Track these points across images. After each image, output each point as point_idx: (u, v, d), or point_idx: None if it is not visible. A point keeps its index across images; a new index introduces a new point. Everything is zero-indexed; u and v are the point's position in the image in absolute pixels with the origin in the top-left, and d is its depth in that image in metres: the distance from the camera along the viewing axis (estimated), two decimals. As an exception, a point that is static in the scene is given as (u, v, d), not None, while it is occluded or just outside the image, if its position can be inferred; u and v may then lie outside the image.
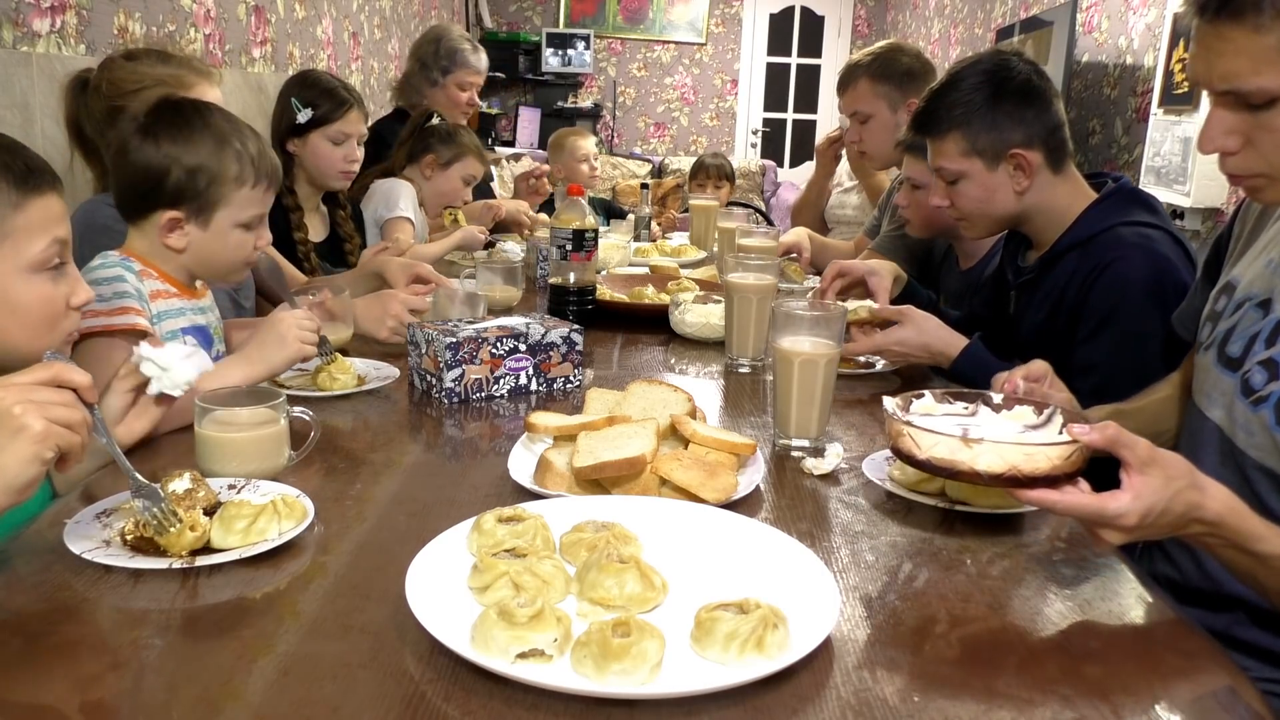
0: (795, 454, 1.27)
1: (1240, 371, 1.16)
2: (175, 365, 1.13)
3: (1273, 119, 1.04)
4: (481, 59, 3.32)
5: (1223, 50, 1.04)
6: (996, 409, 1.08)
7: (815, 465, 1.21)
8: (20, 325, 1.09)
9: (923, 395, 1.10)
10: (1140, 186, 3.52)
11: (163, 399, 1.16)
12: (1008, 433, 1.00)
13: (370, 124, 3.30)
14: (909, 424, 0.99)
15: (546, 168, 3.42)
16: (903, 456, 1.01)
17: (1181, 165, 3.29)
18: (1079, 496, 0.91)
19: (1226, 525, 0.93)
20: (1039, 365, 1.29)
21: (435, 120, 2.81)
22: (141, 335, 1.37)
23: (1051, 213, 1.66)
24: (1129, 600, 0.93)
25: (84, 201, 1.71)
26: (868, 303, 1.77)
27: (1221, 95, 1.07)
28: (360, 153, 2.34)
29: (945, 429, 0.97)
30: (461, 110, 3.31)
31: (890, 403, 1.05)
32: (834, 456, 1.22)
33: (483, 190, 3.27)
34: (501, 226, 3.08)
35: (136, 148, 1.42)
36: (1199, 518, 0.92)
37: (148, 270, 1.44)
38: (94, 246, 1.45)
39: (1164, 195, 3.40)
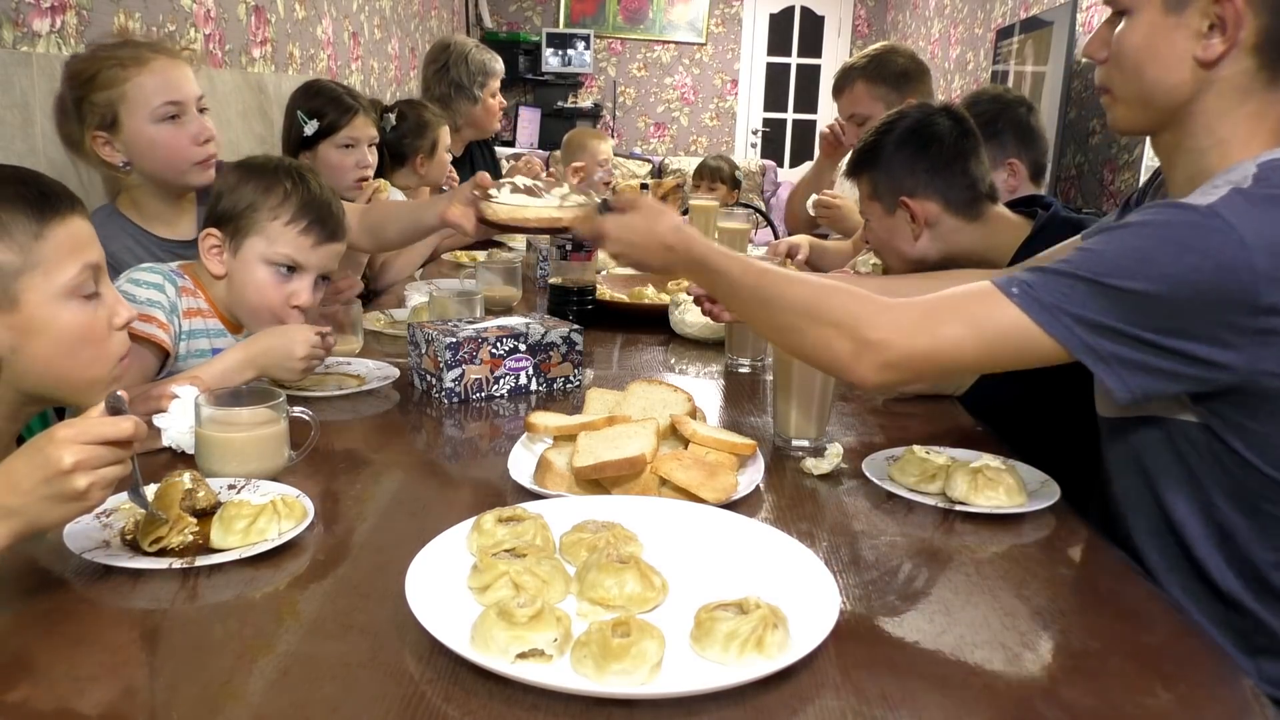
0: (795, 454, 1.27)
1: None
2: (179, 421, 1.16)
3: (1120, 32, 1.09)
4: (500, 60, 3.39)
5: None
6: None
7: (815, 465, 1.21)
8: (65, 354, 1.05)
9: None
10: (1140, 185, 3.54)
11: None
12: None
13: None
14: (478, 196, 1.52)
15: (538, 162, 3.41)
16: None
17: (1181, 165, 3.28)
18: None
19: (685, 250, 1.21)
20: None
21: (392, 118, 2.73)
22: (158, 348, 1.38)
23: (972, 255, 1.65)
24: (1130, 600, 0.93)
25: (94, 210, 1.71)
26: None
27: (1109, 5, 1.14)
28: (372, 157, 2.32)
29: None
30: (498, 114, 3.38)
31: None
32: (834, 456, 1.22)
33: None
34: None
35: (219, 178, 1.53)
36: (666, 244, 1.23)
37: (194, 290, 1.47)
38: None
39: (1164, 195, 3.40)
